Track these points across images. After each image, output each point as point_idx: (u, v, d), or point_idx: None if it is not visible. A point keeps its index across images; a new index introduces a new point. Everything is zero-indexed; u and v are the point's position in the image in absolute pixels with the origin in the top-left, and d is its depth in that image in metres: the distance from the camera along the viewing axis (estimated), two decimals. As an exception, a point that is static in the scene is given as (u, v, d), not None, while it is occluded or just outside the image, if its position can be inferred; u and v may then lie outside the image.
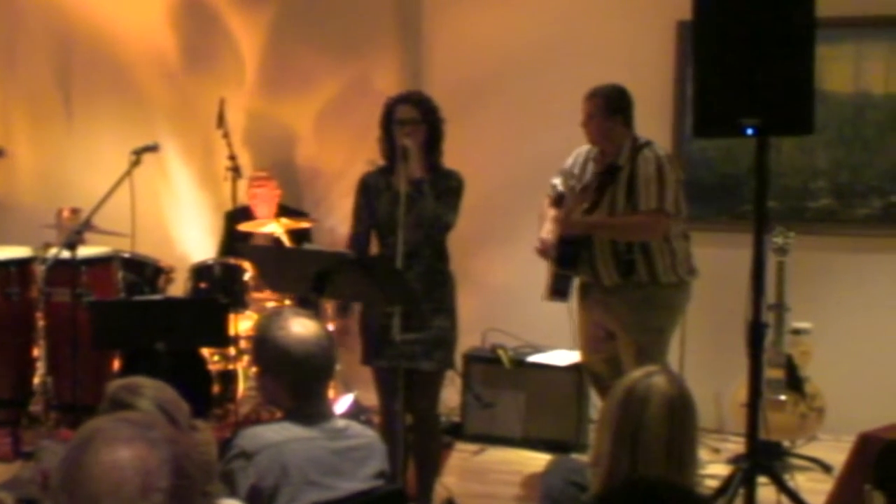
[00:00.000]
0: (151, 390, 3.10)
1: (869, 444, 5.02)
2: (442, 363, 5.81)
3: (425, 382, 5.76)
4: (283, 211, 8.12)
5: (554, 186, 6.51)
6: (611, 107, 6.19)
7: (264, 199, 8.14)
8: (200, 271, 7.68)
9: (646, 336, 6.20)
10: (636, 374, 3.43)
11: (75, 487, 1.98)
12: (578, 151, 6.50)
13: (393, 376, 5.50)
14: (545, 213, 6.49)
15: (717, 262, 6.93)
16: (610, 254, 6.21)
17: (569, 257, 6.29)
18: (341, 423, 3.87)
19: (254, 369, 5.87)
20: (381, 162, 5.91)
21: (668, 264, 6.18)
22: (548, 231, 6.39)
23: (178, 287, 7.83)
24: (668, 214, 6.09)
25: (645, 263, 6.17)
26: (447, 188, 5.72)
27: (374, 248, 5.95)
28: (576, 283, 6.45)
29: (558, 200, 6.48)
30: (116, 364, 7.26)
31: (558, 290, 6.38)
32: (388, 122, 5.75)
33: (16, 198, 9.27)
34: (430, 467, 6.03)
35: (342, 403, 7.41)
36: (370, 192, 5.86)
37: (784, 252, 6.89)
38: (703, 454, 6.75)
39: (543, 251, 6.37)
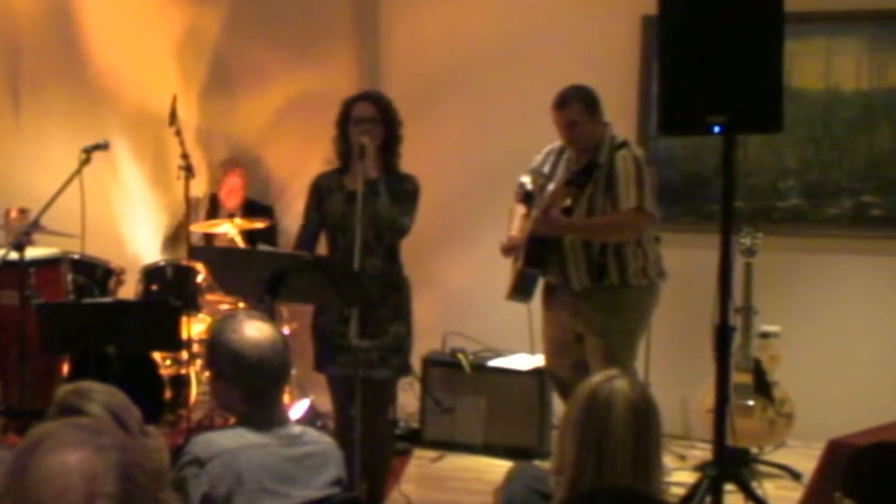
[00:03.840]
0: (102, 395, 3.02)
1: (839, 451, 5.01)
2: (398, 371, 5.79)
3: (379, 390, 5.68)
4: (249, 205, 8.06)
5: (522, 185, 6.45)
6: (591, 109, 6.12)
7: (241, 189, 8.18)
8: (152, 273, 7.70)
9: (615, 339, 6.13)
10: (596, 378, 3.42)
11: (20, 492, 1.94)
12: (550, 149, 6.41)
13: (348, 383, 5.39)
14: (514, 211, 6.38)
15: (684, 264, 6.84)
16: (582, 256, 6.13)
17: (538, 256, 6.20)
18: (297, 429, 3.80)
19: (207, 374, 5.76)
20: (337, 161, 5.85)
21: (639, 267, 6.13)
22: (517, 229, 6.33)
23: (129, 289, 7.79)
24: (648, 213, 6.03)
25: (617, 266, 6.10)
26: (403, 192, 5.66)
27: (322, 249, 5.90)
28: (540, 284, 6.34)
29: (526, 198, 6.39)
30: (65, 368, 7.23)
31: (522, 290, 6.31)
32: (345, 120, 5.70)
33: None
34: (382, 476, 5.95)
35: (298, 409, 7.38)
36: (321, 193, 5.83)
37: (752, 253, 6.85)
38: (668, 461, 6.70)
39: (510, 249, 6.27)
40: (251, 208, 8.08)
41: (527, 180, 6.42)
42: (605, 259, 6.08)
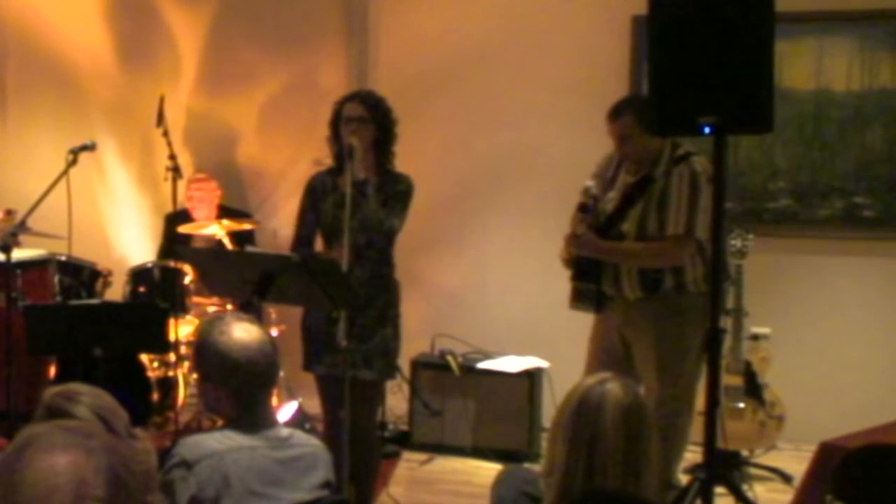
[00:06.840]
0: (89, 397, 2.95)
1: (830, 454, 4.97)
2: (383, 373, 5.76)
3: (364, 392, 5.63)
4: (224, 212, 8.03)
5: (587, 189, 6.06)
6: (645, 122, 5.79)
7: (203, 201, 8.09)
8: (139, 275, 7.67)
9: (666, 350, 5.89)
10: (589, 381, 3.40)
11: (8, 493, 1.96)
12: (613, 154, 6.12)
13: (336, 384, 5.36)
14: (574, 218, 6.04)
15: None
16: (636, 269, 5.87)
17: (588, 269, 5.93)
18: (285, 431, 3.80)
19: (195, 376, 5.77)
20: (327, 161, 5.81)
21: (699, 274, 5.85)
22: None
23: (116, 291, 7.76)
24: (695, 240, 5.77)
25: (672, 275, 5.85)
26: (395, 192, 5.64)
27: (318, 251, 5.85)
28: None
29: (585, 206, 6.02)
30: (52, 370, 7.25)
31: (581, 299, 5.99)
32: (337, 121, 5.67)
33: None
34: (369, 479, 5.90)
35: (286, 411, 7.35)
36: (316, 194, 5.78)
37: (742, 255, 6.81)
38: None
39: (567, 260, 6.02)
40: (226, 215, 7.93)
41: (592, 184, 6.07)
42: (661, 274, 5.85)
